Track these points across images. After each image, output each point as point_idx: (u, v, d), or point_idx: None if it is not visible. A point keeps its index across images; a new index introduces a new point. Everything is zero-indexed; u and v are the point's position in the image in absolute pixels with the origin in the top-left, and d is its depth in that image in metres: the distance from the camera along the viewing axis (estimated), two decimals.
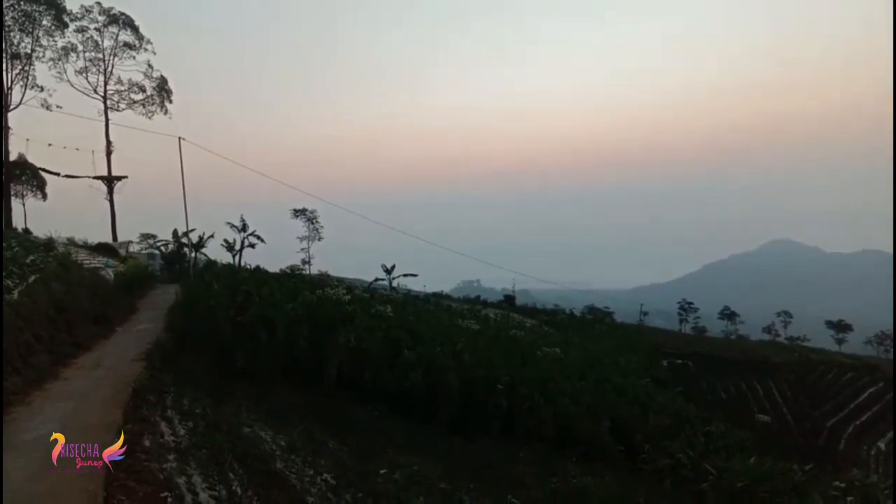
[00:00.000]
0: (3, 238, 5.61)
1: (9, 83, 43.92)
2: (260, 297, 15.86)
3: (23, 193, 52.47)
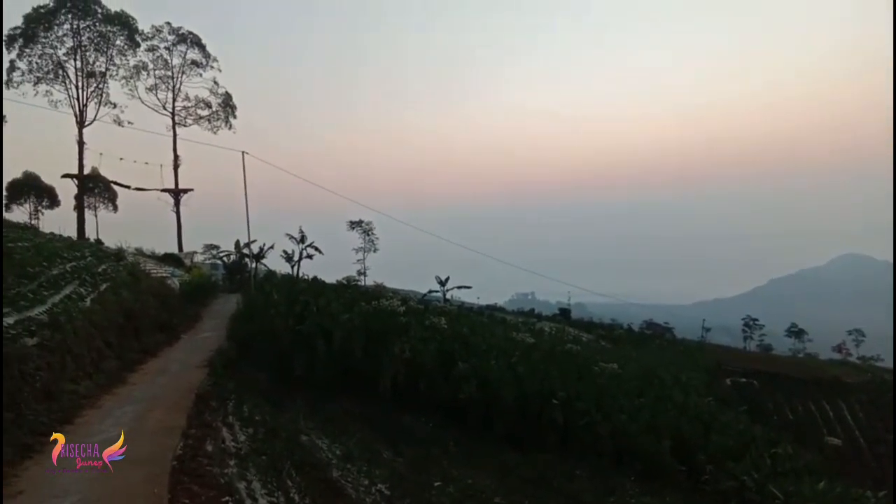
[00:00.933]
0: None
1: (84, 100, 46.40)
2: (317, 307, 16.13)
3: (95, 205, 55.29)
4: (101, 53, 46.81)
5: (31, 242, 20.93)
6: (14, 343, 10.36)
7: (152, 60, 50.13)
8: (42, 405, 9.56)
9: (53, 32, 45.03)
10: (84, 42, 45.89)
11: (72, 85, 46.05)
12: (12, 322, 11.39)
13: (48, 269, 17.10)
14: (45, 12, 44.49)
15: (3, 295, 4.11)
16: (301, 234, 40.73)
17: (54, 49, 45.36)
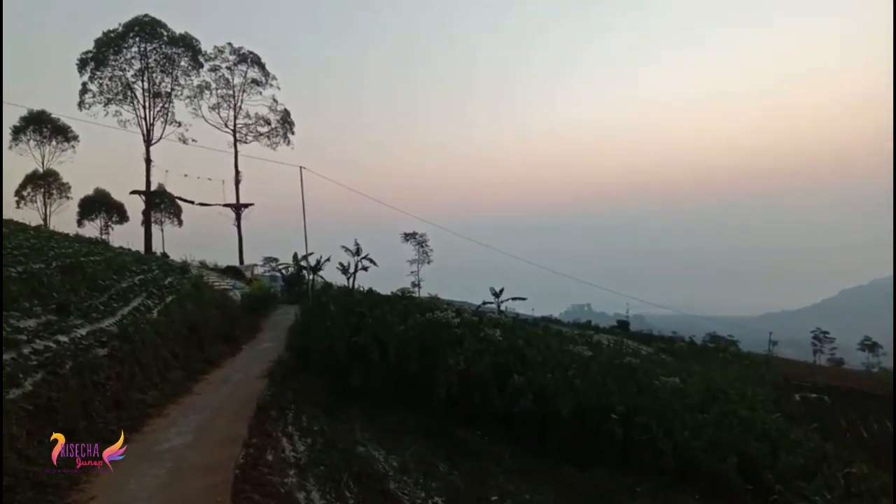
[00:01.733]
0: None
1: (151, 120, 48.55)
2: (373, 318, 16.27)
3: (161, 220, 57.63)
4: (167, 74, 48.98)
5: (102, 256, 21.91)
6: (86, 353, 10.82)
7: (215, 80, 52.15)
8: (112, 413, 9.94)
9: (122, 55, 47.38)
10: (151, 64, 48.12)
11: (139, 105, 48.33)
12: (84, 333, 11.91)
13: (118, 282, 17.84)
14: (115, 36, 46.87)
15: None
16: (356, 246, 41.36)
17: (123, 71, 47.74)
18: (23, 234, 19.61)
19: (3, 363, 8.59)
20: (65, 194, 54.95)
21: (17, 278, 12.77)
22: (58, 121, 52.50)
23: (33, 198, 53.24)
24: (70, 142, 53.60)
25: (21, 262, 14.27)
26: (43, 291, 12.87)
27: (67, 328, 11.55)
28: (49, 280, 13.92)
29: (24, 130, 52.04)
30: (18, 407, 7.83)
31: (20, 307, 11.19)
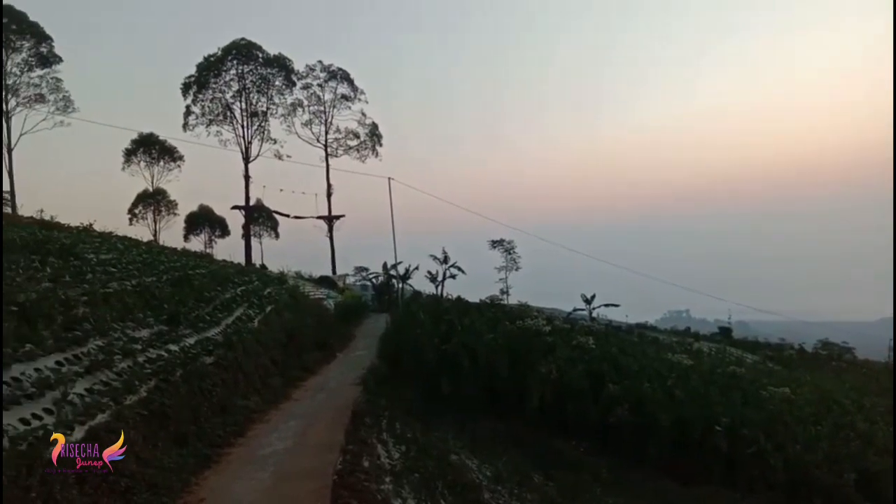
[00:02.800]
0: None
1: (249, 138, 51.10)
2: (462, 326, 16.27)
3: (260, 233, 60.43)
4: (263, 94, 51.45)
5: (207, 269, 23.13)
6: (195, 361, 11.42)
7: (307, 97, 54.31)
8: (218, 419, 10.42)
9: (222, 78, 50.22)
10: (248, 85, 50.72)
11: (238, 124, 50.98)
12: (193, 342, 12.58)
13: (222, 293, 18.77)
14: (215, 60, 49.75)
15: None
16: (444, 254, 41.81)
17: (223, 93, 50.57)
18: (136, 249, 21.02)
19: (122, 371, 9.20)
20: (172, 211, 58.77)
21: (131, 291, 13.66)
22: (165, 142, 56.35)
23: (144, 215, 57.22)
24: (176, 161, 57.36)
25: (135, 276, 15.26)
26: (155, 303, 13.69)
27: (177, 338, 12.23)
28: (160, 292, 14.81)
29: (136, 153, 56.13)
30: (135, 412, 8.35)
31: (135, 318, 11.94)
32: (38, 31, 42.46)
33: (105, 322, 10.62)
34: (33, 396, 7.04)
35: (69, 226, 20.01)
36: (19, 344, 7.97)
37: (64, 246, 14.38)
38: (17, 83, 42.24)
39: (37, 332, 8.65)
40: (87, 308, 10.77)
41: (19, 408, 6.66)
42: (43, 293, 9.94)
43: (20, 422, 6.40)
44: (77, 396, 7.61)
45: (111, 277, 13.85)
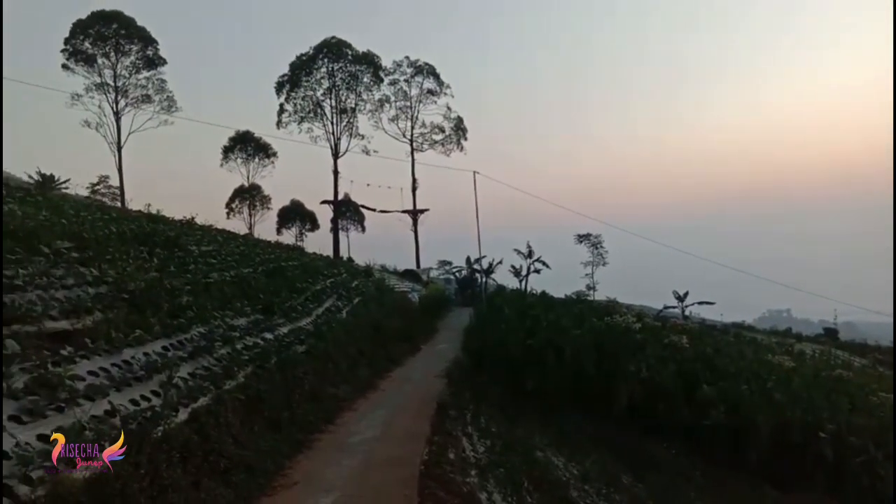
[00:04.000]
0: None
1: (338, 134, 52.56)
2: (547, 321, 16.04)
3: (347, 227, 62.05)
4: (352, 91, 52.82)
5: (299, 262, 23.97)
6: (288, 350, 11.86)
7: (394, 93, 55.26)
8: (310, 405, 10.74)
9: (313, 76, 51.89)
10: (338, 82, 52.17)
11: (328, 121, 52.58)
12: (286, 331, 13.07)
13: (312, 285, 19.39)
14: (306, 59, 51.46)
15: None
16: (529, 248, 41.42)
17: (314, 91, 52.28)
18: (234, 242, 22.05)
19: (222, 357, 9.66)
20: (266, 205, 61.34)
21: (230, 281, 14.34)
22: (260, 139, 58.87)
23: (240, 209, 60.02)
24: (270, 158, 59.82)
25: (233, 267, 16.01)
26: (251, 293, 14.32)
27: (272, 326, 12.74)
28: (256, 283, 15.48)
29: (233, 150, 58.95)
30: (233, 397, 8.73)
31: (233, 307, 12.51)
32: (145, 35, 45.23)
33: (206, 310, 11.19)
34: (142, 379, 7.50)
35: (173, 219, 21.19)
36: (130, 329, 8.50)
37: (169, 238, 15.25)
38: (126, 85, 45.21)
39: (145, 318, 9.21)
40: (190, 297, 11.39)
41: (129, 389, 7.10)
42: (151, 282, 10.57)
43: (130, 402, 6.83)
44: (181, 380, 8.05)
45: (211, 268, 14.58)
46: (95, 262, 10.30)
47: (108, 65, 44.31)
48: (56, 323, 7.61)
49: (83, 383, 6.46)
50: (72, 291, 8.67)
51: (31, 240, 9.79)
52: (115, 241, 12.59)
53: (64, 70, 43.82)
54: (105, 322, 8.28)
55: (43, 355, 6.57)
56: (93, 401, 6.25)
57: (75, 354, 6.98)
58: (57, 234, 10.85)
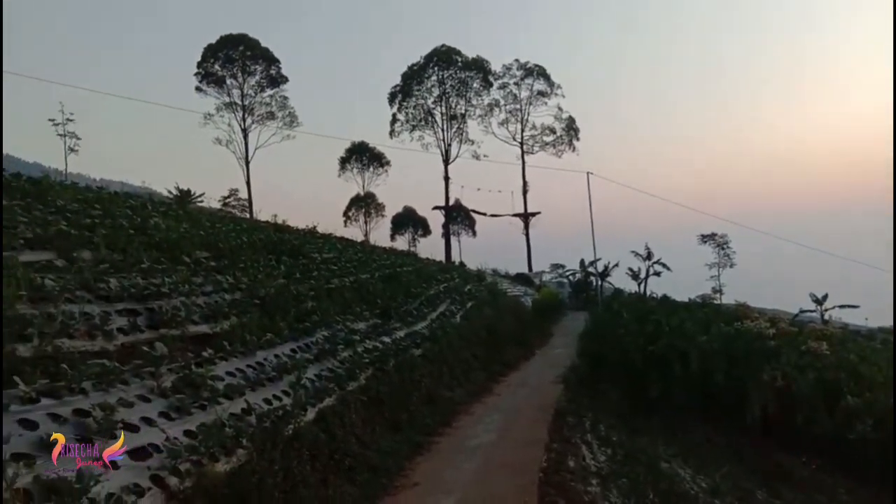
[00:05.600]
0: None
1: (448, 141, 53.37)
2: (670, 326, 15.36)
3: (458, 232, 62.74)
4: (461, 97, 53.55)
5: (413, 267, 24.53)
6: (405, 353, 12.14)
7: (503, 97, 55.39)
8: (427, 408, 10.94)
9: (424, 85, 53.07)
10: (447, 90, 53.06)
11: (438, 128, 53.57)
12: (403, 335, 13.38)
13: (426, 290, 19.76)
14: (417, 69, 52.75)
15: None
16: (647, 250, 39.95)
17: (424, 99, 53.53)
18: (351, 249, 22.92)
19: (344, 359, 10.04)
20: (380, 213, 63.30)
21: (350, 287, 14.90)
22: (374, 149, 60.91)
23: (356, 217, 62.31)
24: (384, 166, 61.69)
25: (352, 273, 16.62)
26: (369, 298, 14.81)
27: (389, 330, 13.10)
28: (373, 288, 15.99)
29: (349, 160, 61.35)
30: (356, 398, 9.06)
31: (353, 311, 12.99)
32: (268, 56, 48.16)
33: (329, 315, 11.69)
34: (273, 379, 7.95)
35: (297, 228, 22.35)
36: (262, 333, 9.03)
37: (294, 246, 16.09)
38: (252, 103, 48.34)
39: (275, 322, 9.75)
40: (314, 302, 11.94)
41: (263, 389, 7.55)
42: (279, 289, 11.19)
43: (264, 401, 7.25)
44: (308, 381, 8.44)
45: (332, 274, 15.21)
46: (230, 270, 11.05)
47: (236, 85, 47.62)
48: (197, 327, 8.22)
49: (222, 383, 6.94)
50: (210, 298, 9.35)
51: (174, 250, 10.67)
52: (247, 250, 13.44)
53: (197, 92, 47.61)
54: (240, 326, 8.84)
55: (187, 357, 7.12)
56: (231, 399, 6.69)
57: (215, 356, 7.51)
58: (196, 244, 11.74)
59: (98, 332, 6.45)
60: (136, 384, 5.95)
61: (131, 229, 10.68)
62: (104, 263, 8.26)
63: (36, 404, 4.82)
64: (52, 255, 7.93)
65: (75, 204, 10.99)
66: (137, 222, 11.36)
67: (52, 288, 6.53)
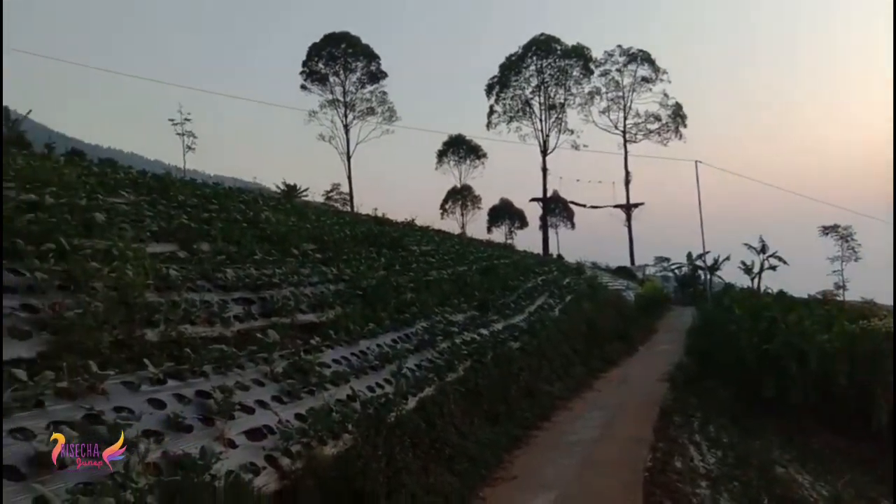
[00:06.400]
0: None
1: (546, 131, 52.59)
2: (786, 324, 14.40)
3: (556, 224, 61.83)
4: (560, 86, 52.53)
5: (510, 259, 24.43)
6: (503, 346, 12.10)
7: (604, 84, 53.82)
8: (525, 401, 10.86)
9: (521, 75, 52.53)
10: (546, 79, 52.25)
11: (536, 119, 52.90)
12: (500, 328, 13.35)
13: (524, 283, 19.62)
14: (515, 59, 52.29)
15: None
16: (761, 243, 37.60)
17: (522, 90, 52.96)
18: (449, 241, 23.14)
19: (443, 350, 10.15)
20: (476, 205, 63.45)
21: (447, 279, 15.05)
22: (471, 142, 61.08)
23: (453, 210, 62.77)
24: (480, 159, 61.73)
25: (450, 266, 16.78)
26: (466, 291, 14.89)
27: (487, 322, 13.11)
28: (471, 280, 16.06)
29: (446, 153, 61.84)
30: (455, 389, 9.13)
31: (451, 303, 13.11)
32: (369, 52, 49.29)
33: (428, 306, 11.86)
34: (376, 368, 8.16)
35: (396, 221, 22.83)
36: (364, 323, 9.32)
37: (393, 239, 16.45)
38: (353, 99, 49.75)
39: (376, 313, 10.02)
40: (413, 293, 12.15)
41: (366, 377, 7.77)
42: (380, 280, 11.48)
43: (367, 389, 7.46)
44: (409, 370, 8.60)
45: (431, 266, 15.42)
46: (335, 262, 11.46)
47: (338, 82, 49.11)
48: (305, 316, 8.59)
49: (329, 370, 7.20)
50: (316, 288, 9.73)
51: (284, 243, 11.19)
52: (349, 243, 13.88)
53: (302, 90, 49.52)
54: (344, 316, 9.15)
55: (297, 344, 7.45)
56: (337, 386, 6.94)
57: (321, 344, 7.81)
58: (303, 237, 12.25)
59: (217, 319, 6.87)
60: (251, 369, 6.29)
61: (244, 223, 11.30)
62: (221, 255, 8.79)
63: (163, 385, 5.20)
64: (175, 246, 8.52)
65: (194, 199, 11.76)
66: (250, 216, 11.99)
67: (175, 277, 7.02)
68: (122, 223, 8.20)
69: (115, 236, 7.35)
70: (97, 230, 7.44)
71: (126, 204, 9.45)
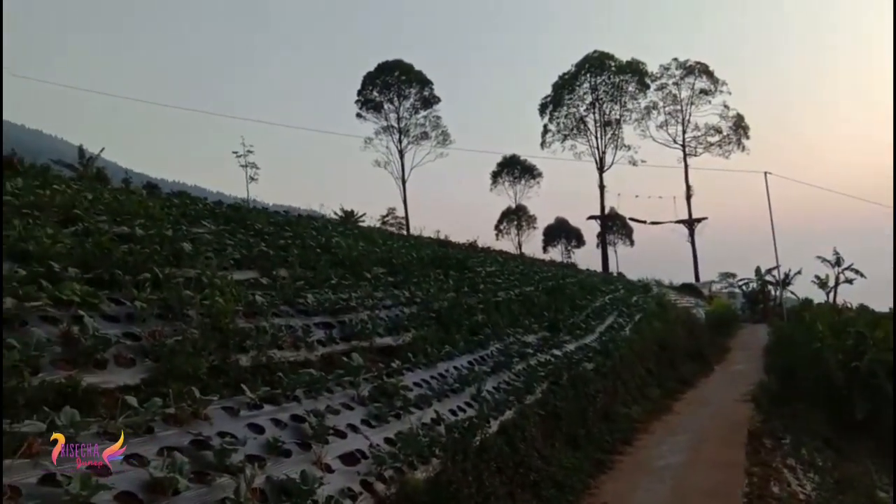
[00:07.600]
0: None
1: (602, 148, 52.00)
2: (874, 341, 13.65)
3: (614, 242, 60.76)
4: (615, 102, 51.96)
5: (576, 278, 24.07)
6: (577, 367, 11.84)
7: (661, 98, 52.90)
8: (604, 424, 10.58)
9: (575, 93, 52.22)
10: (601, 96, 51.77)
11: (591, 136, 52.41)
12: (573, 348, 13.09)
13: (591, 302, 19.26)
14: (569, 77, 52.06)
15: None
16: (836, 255, 35.90)
17: (576, 108, 52.62)
18: (512, 262, 23.00)
19: (519, 372, 10.01)
20: (531, 225, 62.98)
21: (515, 300, 14.90)
22: (525, 161, 60.88)
23: (508, 230, 62.47)
24: (535, 178, 61.38)
25: (516, 286, 16.62)
26: (535, 311, 14.70)
27: (559, 343, 12.88)
28: (539, 301, 15.86)
29: (500, 174, 61.78)
30: (534, 411, 8.97)
31: (521, 324, 12.95)
32: (422, 78, 50.02)
33: (499, 327, 11.75)
34: (456, 391, 8.09)
35: (458, 243, 22.89)
36: (440, 345, 9.28)
37: (458, 261, 16.45)
38: (407, 125, 50.46)
39: (450, 335, 9.98)
40: (483, 315, 12.07)
41: (447, 399, 7.71)
42: (451, 302, 11.46)
43: (450, 412, 7.40)
44: (488, 393, 8.50)
45: (498, 287, 15.31)
46: (406, 285, 11.51)
47: (393, 109, 49.98)
48: (382, 339, 8.61)
49: (412, 393, 7.19)
50: (391, 311, 9.77)
51: (356, 267, 11.32)
52: (417, 266, 13.94)
53: (357, 118, 50.60)
54: (420, 338, 9.14)
55: (378, 367, 7.47)
56: (421, 409, 6.91)
57: (402, 367, 7.81)
58: (373, 261, 12.38)
59: (301, 343, 6.97)
60: (339, 392, 6.33)
61: (318, 248, 11.51)
62: (299, 280, 8.94)
63: (260, 410, 5.28)
64: (256, 273, 8.72)
65: (270, 227, 12.06)
66: (322, 242, 12.20)
67: (261, 303, 7.17)
68: (207, 252, 8.45)
69: (202, 265, 7.58)
70: (185, 259, 7.69)
71: (209, 233, 9.75)
